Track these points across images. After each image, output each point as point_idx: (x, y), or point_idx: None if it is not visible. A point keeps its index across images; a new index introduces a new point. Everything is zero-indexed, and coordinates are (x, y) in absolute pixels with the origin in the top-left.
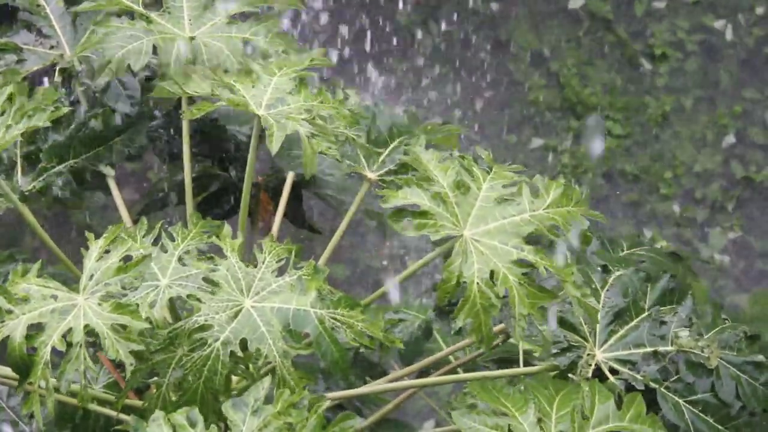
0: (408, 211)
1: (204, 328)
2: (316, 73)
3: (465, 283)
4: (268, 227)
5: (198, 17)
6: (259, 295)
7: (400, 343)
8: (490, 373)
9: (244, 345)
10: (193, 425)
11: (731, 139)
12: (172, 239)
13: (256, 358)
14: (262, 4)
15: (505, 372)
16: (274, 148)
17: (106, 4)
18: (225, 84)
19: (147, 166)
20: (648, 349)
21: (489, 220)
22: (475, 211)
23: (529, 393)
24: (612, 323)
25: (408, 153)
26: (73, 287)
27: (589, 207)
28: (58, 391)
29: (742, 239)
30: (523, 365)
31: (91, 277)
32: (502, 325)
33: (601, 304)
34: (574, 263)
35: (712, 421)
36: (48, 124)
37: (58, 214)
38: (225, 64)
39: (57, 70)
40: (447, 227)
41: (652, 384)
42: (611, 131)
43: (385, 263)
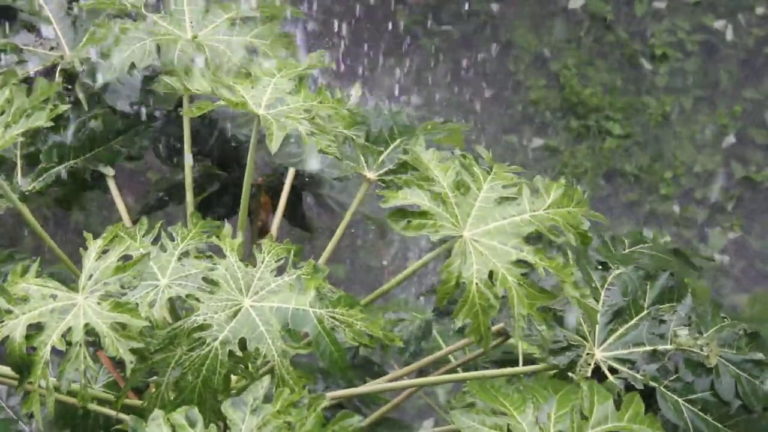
0: (408, 211)
1: (203, 327)
2: (315, 69)
3: (464, 283)
4: (268, 228)
5: (199, 21)
6: (258, 295)
7: (400, 341)
8: (489, 372)
9: (243, 344)
10: (192, 425)
11: (731, 139)
12: (172, 239)
13: (255, 357)
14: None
15: (505, 371)
16: (274, 147)
17: (108, 3)
18: (225, 84)
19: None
20: (647, 348)
21: (489, 221)
22: (475, 212)
23: (528, 393)
24: (611, 322)
25: (408, 152)
26: (72, 287)
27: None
28: (58, 391)
29: (742, 239)
30: (523, 365)
31: (90, 276)
32: (501, 324)
33: (600, 303)
34: (573, 264)
35: (711, 419)
36: (49, 124)
37: (58, 214)
38: (226, 65)
39: (58, 70)
40: (446, 227)
41: (652, 383)
42: (611, 131)
43: (385, 263)
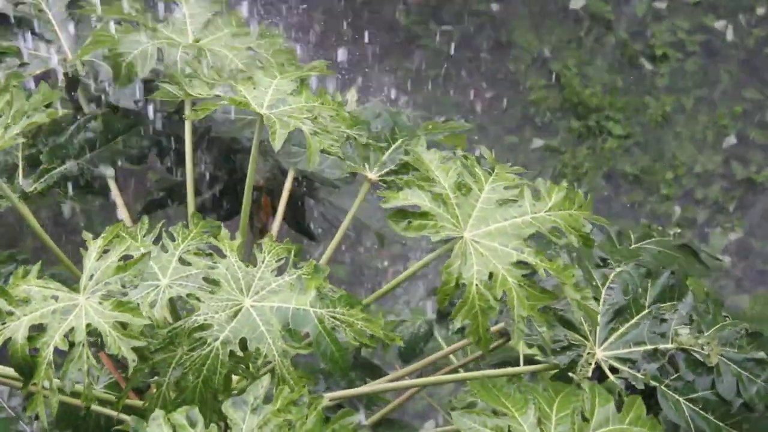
0: (408, 211)
1: (204, 327)
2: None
3: (464, 284)
4: (268, 230)
5: (201, 30)
6: (259, 295)
7: (400, 340)
8: (490, 372)
9: (243, 344)
10: (192, 425)
11: (732, 140)
12: (173, 239)
13: (256, 357)
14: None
15: (506, 371)
16: (277, 145)
17: (113, 11)
18: (226, 83)
19: (147, 166)
20: (648, 347)
21: (490, 222)
22: (476, 213)
23: (530, 393)
24: (612, 321)
25: (409, 153)
26: (73, 287)
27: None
28: (62, 391)
29: (743, 240)
30: (524, 364)
31: (91, 276)
32: (501, 325)
33: (601, 302)
34: (574, 266)
35: (712, 418)
36: (45, 120)
37: (58, 214)
38: (228, 67)
39: (60, 73)
40: (447, 228)
41: (652, 382)
42: (612, 131)
43: (385, 263)
